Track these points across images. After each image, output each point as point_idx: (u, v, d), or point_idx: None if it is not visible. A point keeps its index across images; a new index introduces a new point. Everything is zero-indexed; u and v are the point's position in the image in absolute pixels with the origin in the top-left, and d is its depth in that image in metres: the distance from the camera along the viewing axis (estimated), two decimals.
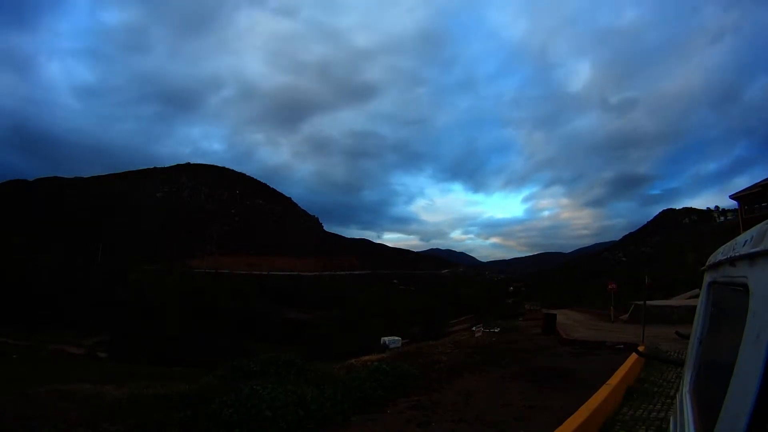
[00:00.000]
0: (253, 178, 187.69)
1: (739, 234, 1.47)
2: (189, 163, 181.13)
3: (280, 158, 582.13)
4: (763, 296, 0.92)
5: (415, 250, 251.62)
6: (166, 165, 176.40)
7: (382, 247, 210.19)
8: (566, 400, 6.84)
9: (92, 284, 58.63)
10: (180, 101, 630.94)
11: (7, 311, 38.19)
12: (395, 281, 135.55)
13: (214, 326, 47.19)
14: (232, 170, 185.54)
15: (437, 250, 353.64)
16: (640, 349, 10.08)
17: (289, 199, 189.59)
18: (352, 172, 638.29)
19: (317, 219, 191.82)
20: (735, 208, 52.21)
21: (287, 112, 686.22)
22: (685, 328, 4.14)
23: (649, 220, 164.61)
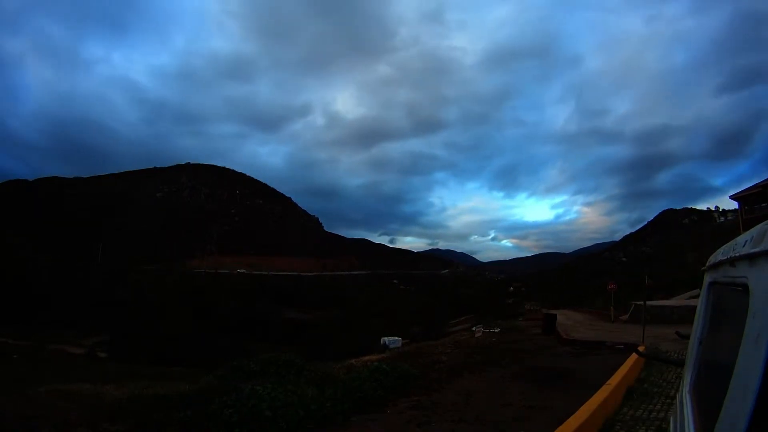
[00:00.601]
0: (253, 178, 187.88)
1: (739, 234, 1.47)
2: (189, 163, 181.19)
3: (333, 173, 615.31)
4: (763, 296, 0.92)
5: (416, 251, 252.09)
6: (167, 165, 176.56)
7: (382, 247, 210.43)
8: (566, 400, 6.84)
9: (92, 284, 58.66)
10: (262, 124, 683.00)
11: (7, 311, 38.16)
12: (395, 281, 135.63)
13: (214, 326, 47.22)
14: (232, 170, 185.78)
15: (437, 250, 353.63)
16: (640, 349, 10.08)
17: (289, 199, 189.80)
18: (399, 186, 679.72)
19: (317, 219, 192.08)
20: (735, 209, 52.24)
21: (361, 138, 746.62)
22: (685, 328, 4.14)
23: (649, 220, 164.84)
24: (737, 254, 1.22)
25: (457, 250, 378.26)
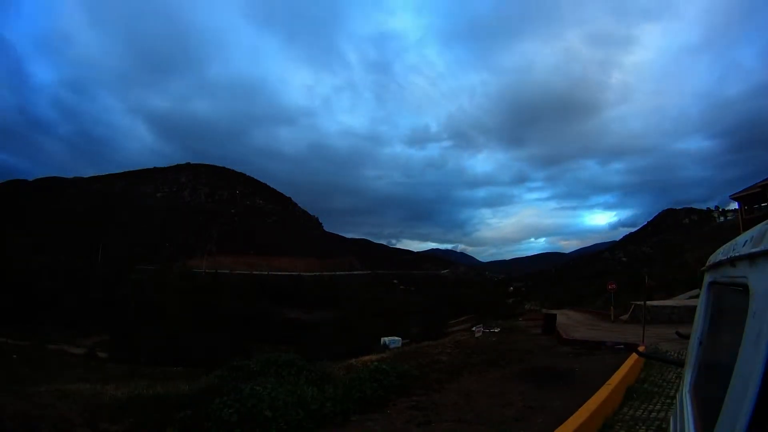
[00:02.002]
0: (253, 178, 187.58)
1: (739, 234, 1.47)
2: (189, 163, 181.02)
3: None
4: (763, 296, 0.92)
5: (416, 251, 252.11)
6: (166, 165, 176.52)
7: (382, 247, 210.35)
8: (566, 400, 6.84)
9: (92, 284, 58.62)
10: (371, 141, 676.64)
11: (6, 311, 38.15)
12: (395, 281, 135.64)
13: (214, 326, 47.15)
14: (232, 170, 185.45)
15: (437, 250, 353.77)
16: (640, 349, 10.08)
17: (290, 199, 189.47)
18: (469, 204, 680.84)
19: (317, 219, 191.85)
20: (735, 208, 52.25)
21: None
22: (685, 328, 4.14)
23: (649, 220, 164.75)
24: (737, 254, 1.21)
25: (458, 250, 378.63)
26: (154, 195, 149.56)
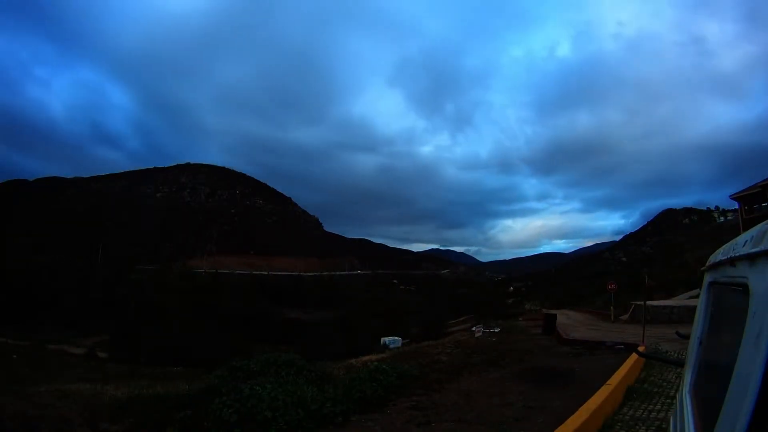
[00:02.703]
0: (253, 178, 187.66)
1: (739, 234, 1.47)
2: (189, 163, 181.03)
3: None
4: (763, 296, 0.92)
5: (416, 251, 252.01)
6: (166, 165, 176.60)
7: (382, 247, 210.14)
8: (566, 401, 6.84)
9: (92, 284, 58.64)
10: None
11: (7, 311, 38.17)
12: (395, 281, 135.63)
13: (214, 326, 47.14)
14: (232, 170, 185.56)
15: (437, 250, 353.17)
16: (640, 349, 10.08)
17: (290, 199, 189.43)
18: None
19: (317, 219, 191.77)
20: (735, 208, 52.20)
21: None
22: (685, 328, 4.14)
23: (649, 220, 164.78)
24: (737, 254, 1.21)
25: (458, 250, 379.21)
26: (154, 195, 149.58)
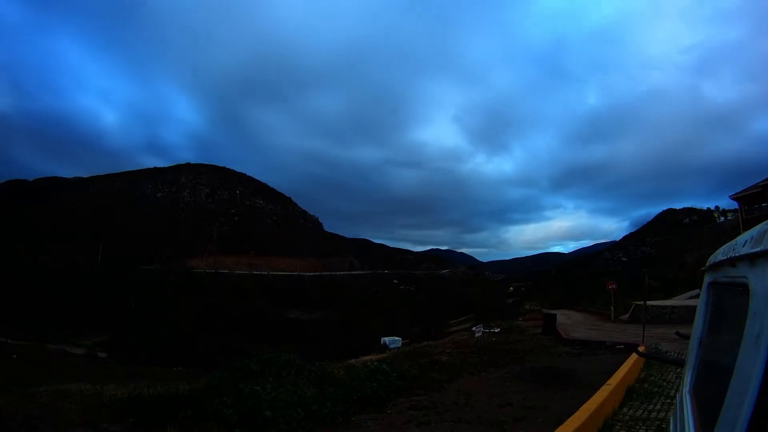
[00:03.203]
0: (253, 178, 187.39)
1: (739, 234, 1.47)
2: (189, 163, 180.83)
3: None
4: (764, 296, 0.92)
5: (415, 250, 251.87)
6: (166, 165, 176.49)
7: (382, 247, 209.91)
8: (566, 401, 6.84)
9: (92, 284, 58.62)
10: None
11: (7, 311, 38.16)
12: (395, 281, 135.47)
13: (214, 326, 47.17)
14: (232, 170, 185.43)
15: (437, 250, 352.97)
16: (640, 349, 10.07)
17: (290, 199, 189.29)
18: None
19: (317, 219, 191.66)
20: (735, 208, 52.23)
21: None
22: (685, 328, 4.14)
23: (649, 220, 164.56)
24: (737, 254, 1.21)
25: (457, 250, 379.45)
26: (154, 195, 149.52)
